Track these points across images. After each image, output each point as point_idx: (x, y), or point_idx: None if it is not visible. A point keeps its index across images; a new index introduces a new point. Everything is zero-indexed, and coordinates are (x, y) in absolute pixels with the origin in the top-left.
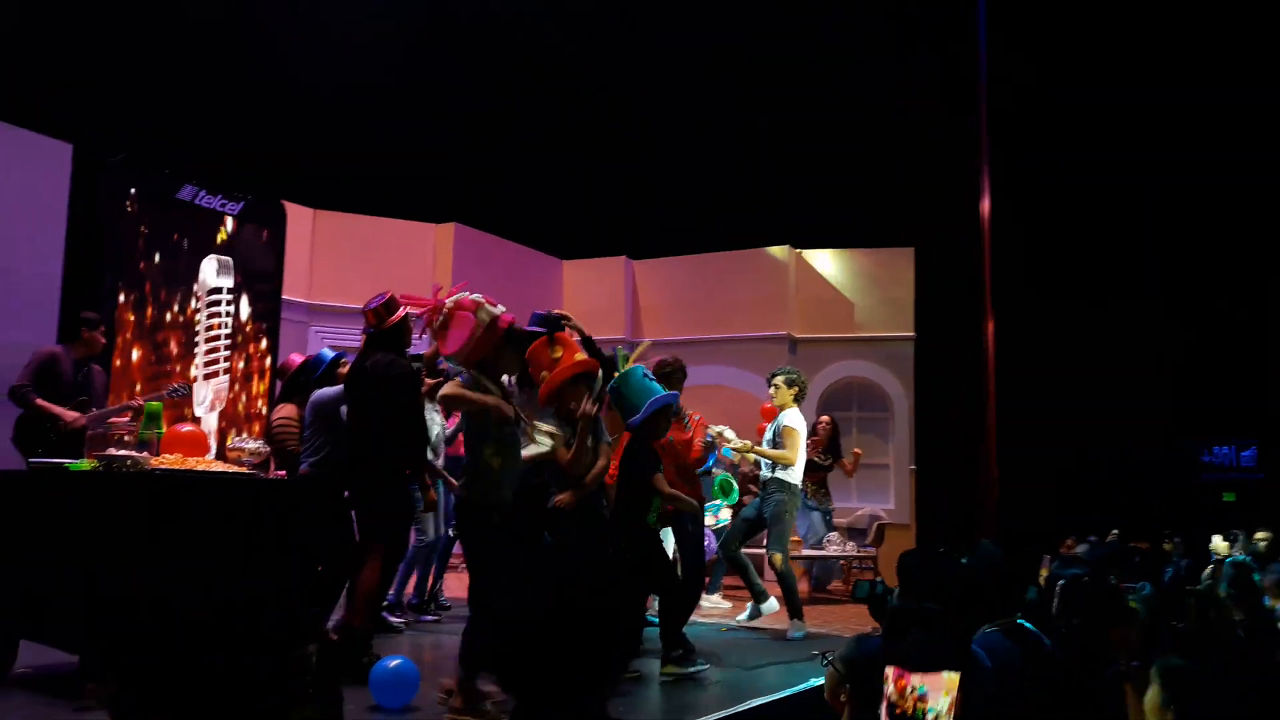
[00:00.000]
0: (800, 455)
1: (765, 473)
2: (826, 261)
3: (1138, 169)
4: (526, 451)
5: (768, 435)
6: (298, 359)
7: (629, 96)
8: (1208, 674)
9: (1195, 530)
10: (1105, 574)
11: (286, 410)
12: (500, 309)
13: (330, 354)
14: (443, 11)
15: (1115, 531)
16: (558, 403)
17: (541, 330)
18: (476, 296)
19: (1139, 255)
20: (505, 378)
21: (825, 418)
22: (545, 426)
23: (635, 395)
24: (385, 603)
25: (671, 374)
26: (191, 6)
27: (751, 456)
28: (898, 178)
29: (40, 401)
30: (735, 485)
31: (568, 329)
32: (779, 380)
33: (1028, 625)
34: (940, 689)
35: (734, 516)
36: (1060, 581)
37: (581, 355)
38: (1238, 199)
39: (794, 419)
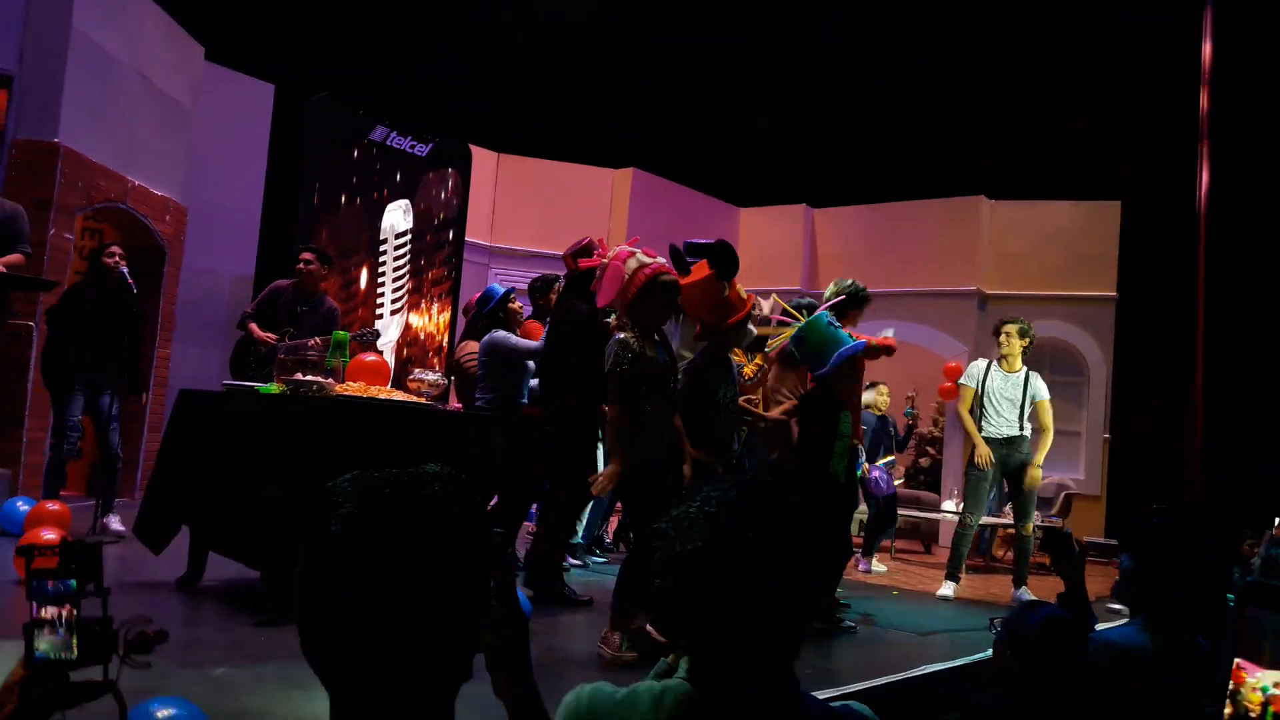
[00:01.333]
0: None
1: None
2: (1023, 213)
3: None
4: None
5: (1014, 400)
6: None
7: (811, 41)
8: None
9: None
10: None
11: (470, 346)
12: (657, 259)
13: (500, 289)
14: None
15: None
16: (716, 346)
17: (694, 261)
18: (634, 249)
19: None
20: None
21: None
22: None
23: (823, 344)
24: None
25: (854, 294)
26: None
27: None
28: (1106, 126)
29: (251, 326)
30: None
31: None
32: (1011, 329)
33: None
34: None
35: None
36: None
37: (742, 289)
38: None
39: (1045, 389)
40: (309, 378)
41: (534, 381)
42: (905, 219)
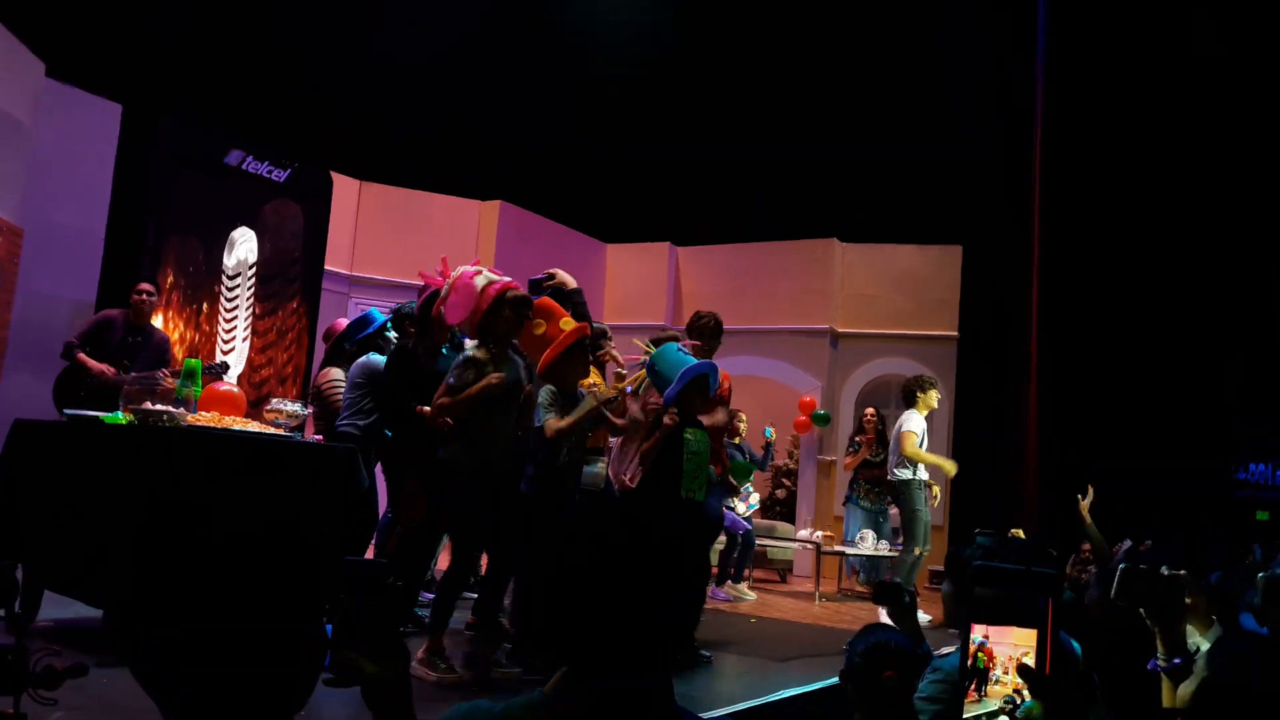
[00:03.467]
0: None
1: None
2: (872, 256)
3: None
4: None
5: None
6: (344, 323)
7: (678, 80)
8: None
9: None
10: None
11: (334, 373)
12: (504, 277)
13: (381, 316)
14: None
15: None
16: (557, 378)
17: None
18: (481, 268)
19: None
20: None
21: (870, 410)
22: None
23: (669, 369)
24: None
25: (705, 328)
26: None
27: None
28: (948, 175)
29: (80, 356)
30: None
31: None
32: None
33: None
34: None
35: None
36: (1122, 565)
37: (569, 322)
38: None
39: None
40: (159, 407)
41: None
42: (764, 258)
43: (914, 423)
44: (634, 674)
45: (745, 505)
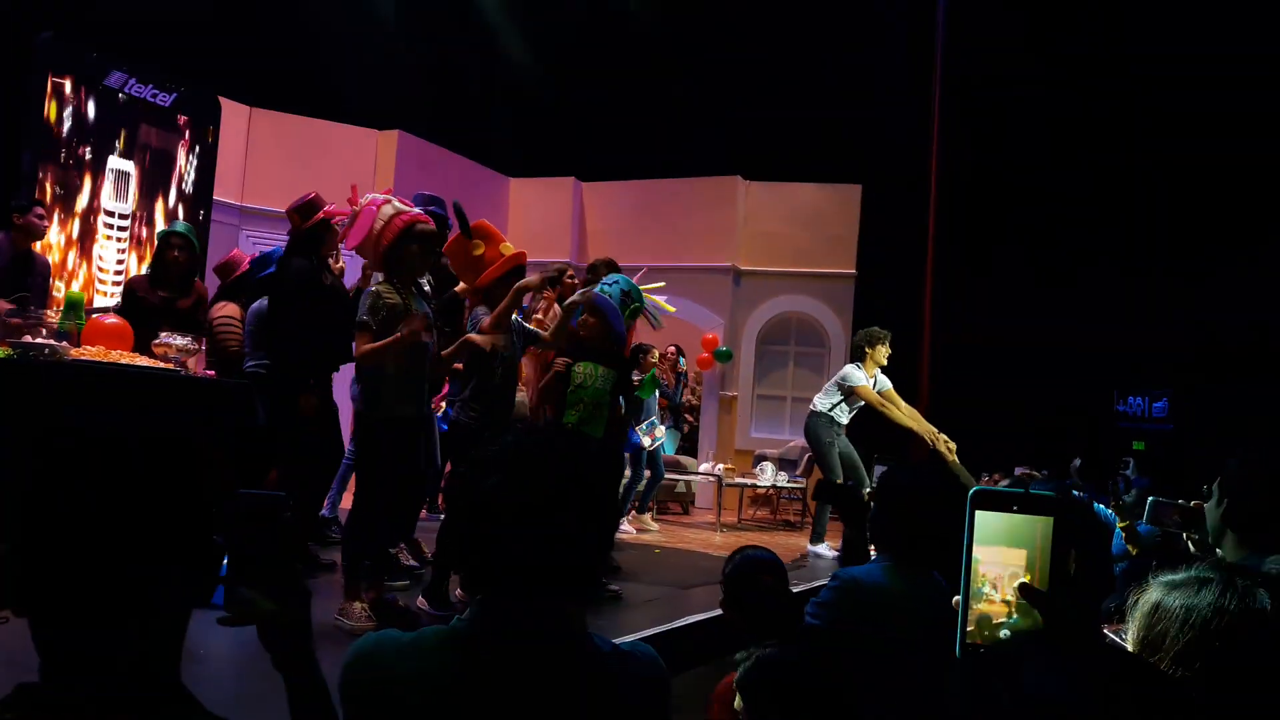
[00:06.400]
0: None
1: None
2: (774, 194)
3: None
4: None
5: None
6: (243, 257)
7: (585, 13)
8: None
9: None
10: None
11: (228, 309)
12: (414, 209)
13: (281, 252)
14: None
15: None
16: (492, 300)
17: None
18: (390, 197)
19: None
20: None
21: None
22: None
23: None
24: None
25: (595, 270)
26: None
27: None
28: (849, 113)
29: None
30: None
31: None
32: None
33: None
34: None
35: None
36: (1151, 498)
37: (508, 246)
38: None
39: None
40: (39, 340)
41: None
42: (668, 195)
43: (857, 378)
44: (544, 600)
45: (650, 439)
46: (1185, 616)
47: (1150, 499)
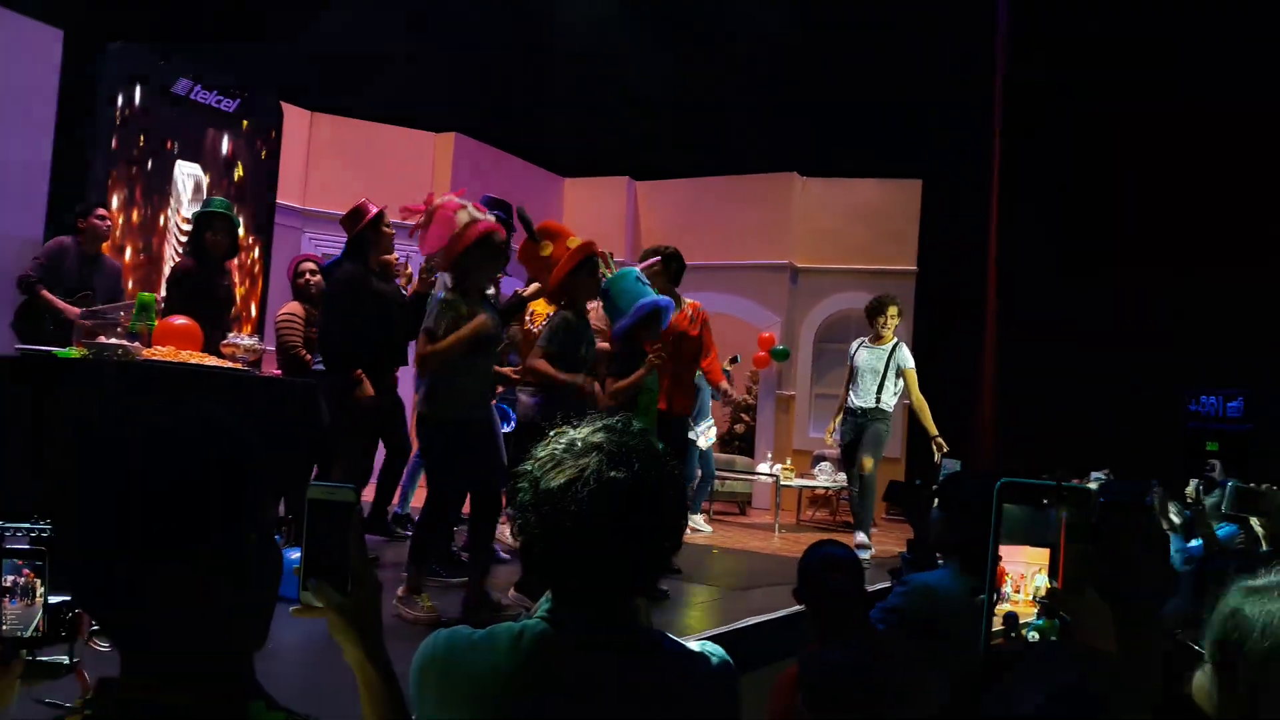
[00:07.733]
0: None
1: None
2: (831, 190)
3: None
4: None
5: (875, 372)
6: (307, 259)
7: (638, 12)
8: None
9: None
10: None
11: (290, 307)
12: (488, 216)
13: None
14: None
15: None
16: (570, 299)
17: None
18: (465, 202)
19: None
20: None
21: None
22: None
23: (622, 297)
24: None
25: (668, 260)
26: None
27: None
28: (910, 108)
29: (45, 293)
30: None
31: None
32: (895, 310)
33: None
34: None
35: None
36: (1233, 483)
37: (574, 240)
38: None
39: (909, 358)
40: (113, 341)
41: None
42: (723, 193)
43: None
44: (618, 598)
45: (704, 440)
46: (1266, 623)
47: (1230, 483)
